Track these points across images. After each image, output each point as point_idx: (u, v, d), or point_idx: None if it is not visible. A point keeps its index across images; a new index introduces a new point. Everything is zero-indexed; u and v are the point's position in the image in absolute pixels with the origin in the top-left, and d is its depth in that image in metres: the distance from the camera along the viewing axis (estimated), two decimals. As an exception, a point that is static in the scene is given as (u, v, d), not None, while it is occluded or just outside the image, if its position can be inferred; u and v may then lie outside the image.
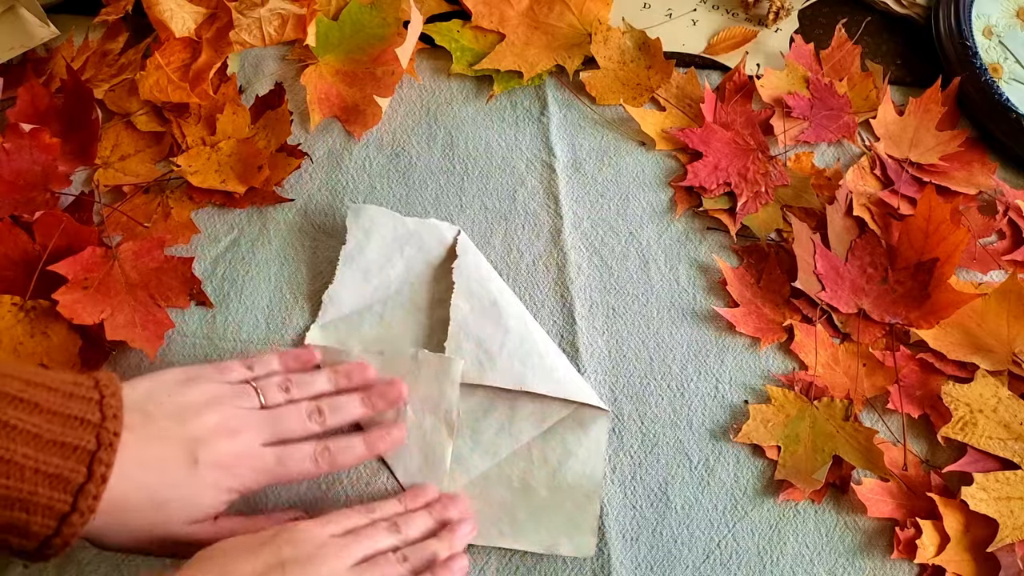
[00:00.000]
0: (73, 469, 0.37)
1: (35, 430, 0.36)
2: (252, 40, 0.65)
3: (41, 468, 0.36)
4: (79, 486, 0.37)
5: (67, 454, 0.37)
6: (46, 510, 0.36)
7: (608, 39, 0.67)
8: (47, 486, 0.36)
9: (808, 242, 0.58)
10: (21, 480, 0.35)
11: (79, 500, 0.37)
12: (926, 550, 0.49)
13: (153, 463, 0.40)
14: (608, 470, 0.52)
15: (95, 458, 0.37)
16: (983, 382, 0.53)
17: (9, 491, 0.35)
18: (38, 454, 0.36)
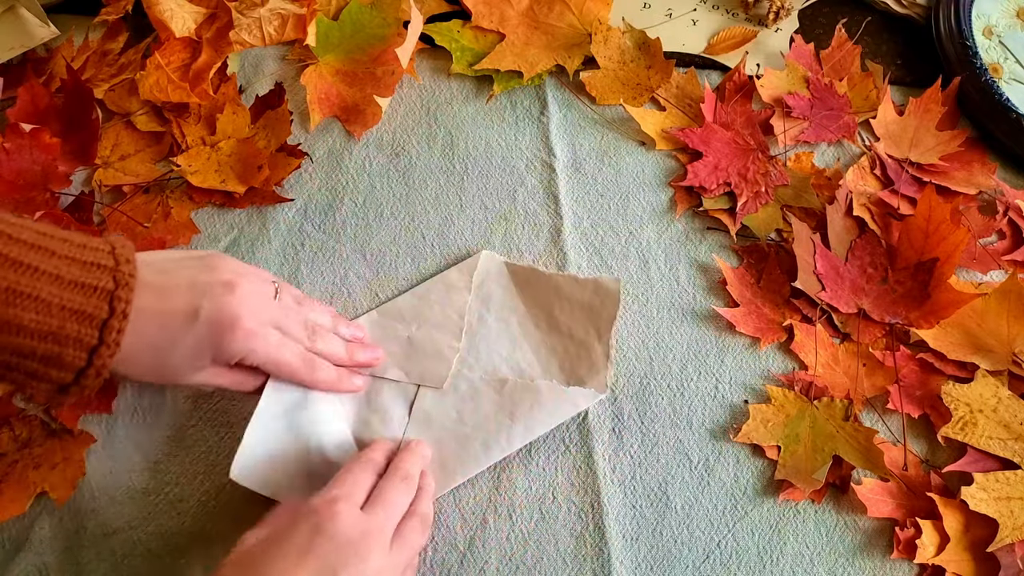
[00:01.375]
0: (96, 306, 0.39)
1: (55, 271, 0.38)
2: (252, 40, 0.65)
3: (66, 305, 0.38)
4: (103, 321, 0.39)
5: (88, 293, 0.39)
6: (76, 343, 0.39)
7: (608, 39, 0.67)
8: (74, 321, 0.38)
9: (808, 242, 0.58)
10: (49, 315, 0.38)
11: (104, 334, 0.39)
12: (926, 550, 0.49)
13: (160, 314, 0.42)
14: (608, 470, 0.52)
15: (114, 296, 0.40)
16: (983, 382, 0.53)
17: (40, 325, 0.37)
18: (62, 292, 0.38)
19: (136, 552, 0.48)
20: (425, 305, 0.56)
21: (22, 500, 0.48)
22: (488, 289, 0.57)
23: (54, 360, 0.38)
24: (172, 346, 0.43)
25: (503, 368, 0.54)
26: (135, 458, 0.51)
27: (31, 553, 0.48)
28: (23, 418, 0.51)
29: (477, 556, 0.49)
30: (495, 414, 0.52)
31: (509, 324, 0.56)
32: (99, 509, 0.49)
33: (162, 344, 0.42)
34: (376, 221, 0.60)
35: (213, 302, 0.43)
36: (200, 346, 0.43)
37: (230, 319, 0.43)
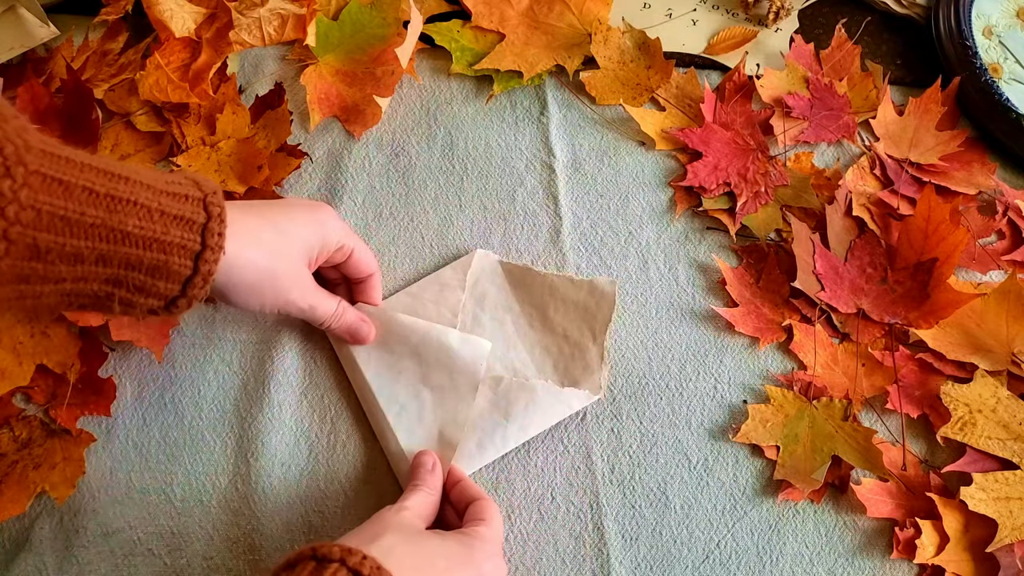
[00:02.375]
0: (193, 211, 0.39)
1: (146, 181, 0.38)
2: (252, 40, 0.65)
3: (165, 210, 0.38)
4: (203, 225, 0.39)
5: (181, 200, 0.39)
6: (180, 249, 0.39)
7: (608, 39, 0.67)
8: (176, 226, 0.38)
9: (807, 242, 0.58)
10: (151, 221, 0.38)
11: (206, 238, 0.39)
12: (925, 550, 0.49)
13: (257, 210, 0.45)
14: (607, 470, 0.52)
15: (207, 201, 0.40)
16: (982, 382, 0.53)
17: (144, 231, 0.37)
18: (159, 199, 0.38)
19: (136, 552, 0.49)
20: (419, 304, 0.56)
21: (22, 500, 0.48)
22: (482, 288, 0.57)
23: (161, 269, 0.38)
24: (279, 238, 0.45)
25: (497, 367, 0.54)
26: (135, 458, 0.51)
27: (31, 553, 0.48)
28: (23, 418, 0.51)
29: (476, 556, 0.49)
30: (490, 413, 0.52)
31: (503, 323, 0.56)
32: (99, 509, 0.49)
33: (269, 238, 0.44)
34: (375, 221, 0.60)
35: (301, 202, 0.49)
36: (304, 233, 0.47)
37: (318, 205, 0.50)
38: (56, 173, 0.34)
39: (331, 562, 0.36)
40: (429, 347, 0.53)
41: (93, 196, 0.35)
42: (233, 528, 0.49)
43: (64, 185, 0.34)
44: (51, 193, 0.34)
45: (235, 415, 0.53)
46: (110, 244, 0.36)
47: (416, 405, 0.52)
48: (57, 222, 0.34)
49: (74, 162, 0.35)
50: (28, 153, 0.33)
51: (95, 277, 0.37)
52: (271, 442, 0.52)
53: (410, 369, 0.53)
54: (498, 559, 0.44)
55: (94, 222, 0.35)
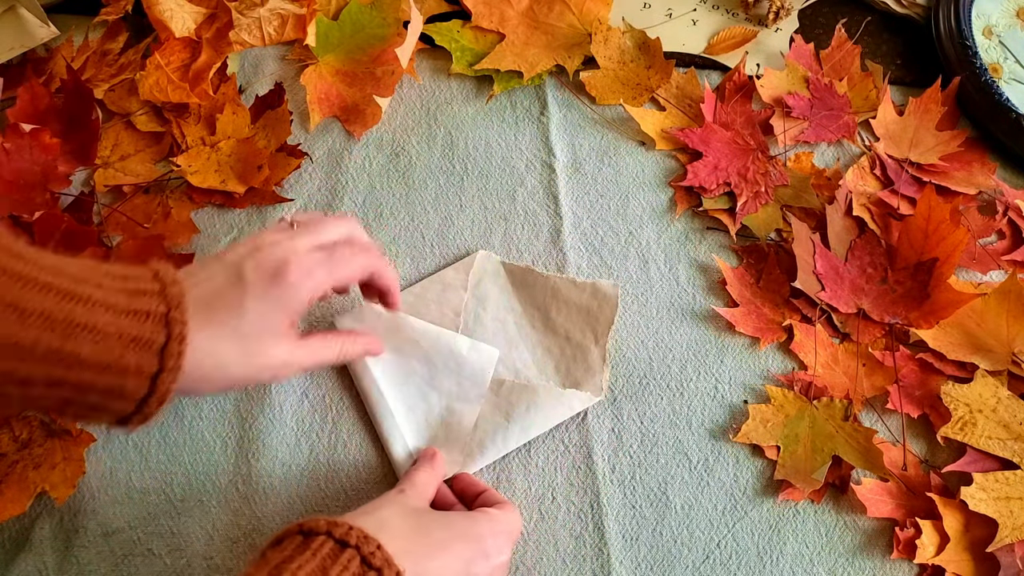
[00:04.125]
0: (152, 331, 0.38)
1: (108, 301, 0.37)
2: (252, 40, 0.65)
3: (124, 333, 0.37)
4: (162, 346, 0.38)
5: (142, 319, 0.38)
6: (137, 371, 0.37)
7: (608, 39, 0.67)
8: (133, 349, 0.37)
9: (808, 242, 0.58)
10: (107, 345, 0.36)
11: (165, 359, 0.38)
12: (926, 550, 0.49)
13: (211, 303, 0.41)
14: (608, 470, 0.52)
15: (169, 318, 0.38)
16: (982, 382, 0.53)
17: (99, 356, 0.36)
18: (117, 320, 0.37)
19: (136, 552, 0.48)
20: (421, 304, 0.56)
21: (22, 500, 0.48)
22: (485, 289, 0.57)
23: (115, 392, 0.37)
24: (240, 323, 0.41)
25: (499, 368, 0.54)
26: (135, 458, 0.51)
27: (31, 553, 0.48)
28: (23, 418, 0.51)
29: (477, 556, 0.49)
30: (491, 414, 0.52)
31: (506, 324, 0.56)
32: (99, 509, 0.49)
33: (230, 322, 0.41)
34: (376, 221, 0.60)
35: (251, 263, 0.42)
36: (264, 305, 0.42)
37: (276, 265, 0.42)
38: (13, 299, 0.34)
39: (317, 535, 0.36)
40: (439, 352, 0.53)
41: (49, 322, 0.35)
42: (233, 528, 0.49)
43: (20, 312, 0.34)
44: (5, 321, 0.33)
45: (235, 415, 0.53)
46: (64, 370, 0.35)
47: (424, 407, 0.52)
48: (9, 349, 0.34)
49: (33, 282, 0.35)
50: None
51: (46, 397, 0.36)
52: (271, 442, 0.52)
53: (419, 372, 0.53)
54: (504, 540, 0.44)
55: (48, 349, 0.35)
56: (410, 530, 0.40)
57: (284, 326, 0.42)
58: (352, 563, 0.35)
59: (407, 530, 0.40)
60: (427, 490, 0.46)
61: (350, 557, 0.35)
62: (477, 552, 0.41)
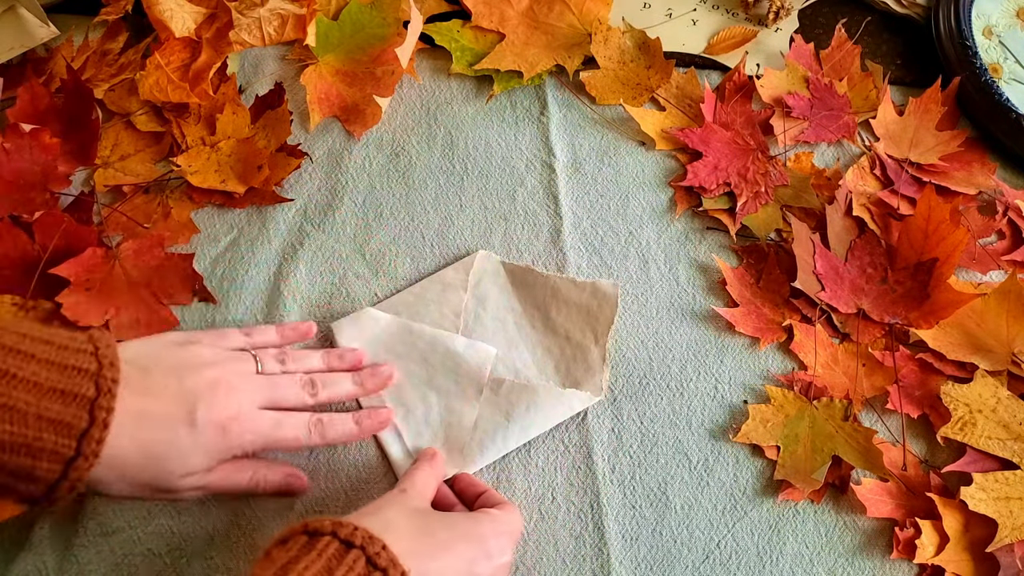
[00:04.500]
0: (75, 415, 0.37)
1: (34, 378, 0.36)
2: (252, 40, 0.65)
3: (43, 414, 0.36)
4: (82, 431, 0.37)
5: (68, 401, 0.37)
6: (51, 455, 0.36)
7: (608, 39, 0.67)
8: (51, 431, 0.36)
9: (808, 242, 0.58)
10: (25, 426, 0.35)
11: (83, 445, 0.37)
12: (925, 550, 0.49)
13: (150, 418, 0.40)
14: (608, 470, 0.52)
15: (95, 404, 0.37)
16: (982, 382, 0.53)
17: (13, 437, 0.35)
18: (40, 400, 0.36)
19: (136, 552, 0.48)
20: (421, 304, 0.56)
21: (22, 500, 0.48)
22: (484, 288, 0.57)
23: (25, 474, 0.36)
24: (170, 450, 0.41)
25: (499, 368, 0.54)
26: (135, 458, 0.51)
27: (31, 553, 0.48)
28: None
29: (477, 556, 0.49)
30: (491, 414, 0.52)
31: (505, 324, 0.56)
32: (99, 509, 0.49)
33: (158, 450, 0.40)
34: (376, 221, 0.60)
35: (207, 406, 0.42)
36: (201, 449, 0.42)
37: (227, 419, 0.42)
38: None
39: (322, 535, 0.36)
40: (436, 352, 0.53)
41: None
42: (234, 528, 0.49)
43: None
44: None
45: (235, 415, 0.53)
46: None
47: (423, 408, 0.52)
48: None
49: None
50: None
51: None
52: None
53: (416, 373, 0.53)
54: (506, 540, 0.44)
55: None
56: (414, 530, 0.40)
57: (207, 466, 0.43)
58: (357, 563, 0.35)
59: (411, 530, 0.39)
60: (428, 490, 0.46)
61: (355, 557, 0.35)
62: (480, 552, 0.41)
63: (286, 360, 0.49)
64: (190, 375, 0.42)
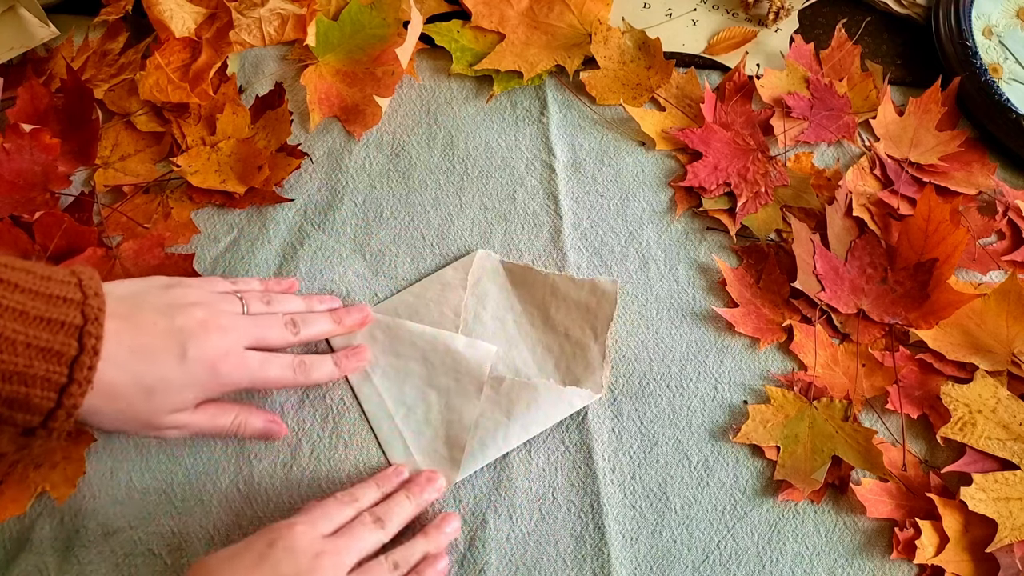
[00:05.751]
0: (64, 343, 0.37)
1: (20, 307, 0.36)
2: (252, 40, 0.65)
3: (32, 343, 0.36)
4: (73, 358, 0.37)
5: (55, 329, 0.37)
6: (44, 382, 0.36)
7: (608, 39, 0.67)
8: (41, 359, 0.36)
9: (808, 242, 0.58)
10: (15, 354, 0.36)
11: (75, 371, 0.37)
12: (925, 550, 0.49)
13: (142, 351, 0.41)
14: (608, 470, 0.52)
15: (84, 332, 0.38)
16: (982, 382, 0.53)
17: (5, 365, 0.35)
18: (27, 329, 0.36)
19: (137, 552, 0.48)
20: (421, 304, 0.56)
21: (22, 500, 0.48)
22: (484, 287, 0.57)
23: (20, 402, 0.36)
24: (161, 384, 0.41)
25: (499, 366, 0.54)
26: (135, 458, 0.51)
27: (31, 553, 0.48)
28: (23, 418, 0.51)
29: (477, 556, 0.49)
30: (492, 412, 0.52)
31: (505, 323, 0.56)
32: (99, 509, 0.49)
33: (149, 382, 0.41)
34: (376, 221, 0.60)
35: (198, 344, 0.42)
36: (191, 386, 0.43)
37: (217, 357, 0.43)
38: None
39: None
40: (435, 351, 0.53)
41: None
42: (235, 529, 0.49)
43: None
44: None
45: (235, 415, 0.53)
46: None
47: (423, 407, 0.52)
48: None
49: None
50: None
51: None
52: (272, 442, 0.52)
53: (416, 372, 0.53)
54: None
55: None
56: None
57: (195, 402, 0.44)
58: None
59: None
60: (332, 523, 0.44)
61: None
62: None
63: (271, 302, 0.50)
64: (179, 314, 0.43)
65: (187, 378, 0.42)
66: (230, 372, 0.44)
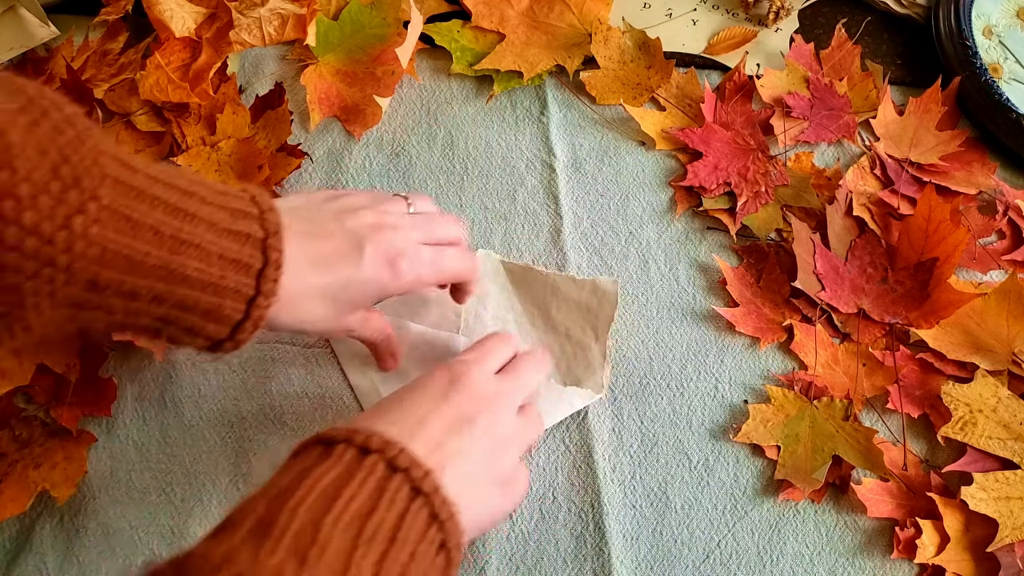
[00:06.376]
0: (250, 255, 0.38)
1: (210, 218, 0.37)
2: (252, 40, 0.65)
3: (224, 253, 0.37)
4: (259, 270, 0.38)
5: (242, 241, 0.38)
6: (234, 293, 0.37)
7: (608, 39, 0.67)
8: (232, 270, 0.37)
9: (808, 242, 0.58)
10: (209, 264, 0.36)
11: (261, 283, 0.38)
12: (926, 550, 0.49)
13: (321, 259, 0.42)
14: (608, 469, 0.52)
15: (266, 244, 0.38)
16: (983, 382, 0.53)
17: (201, 274, 0.36)
18: (219, 240, 0.37)
19: (137, 552, 0.48)
20: (421, 304, 0.56)
21: (22, 500, 0.48)
22: (484, 287, 0.57)
23: (213, 313, 0.37)
24: (342, 286, 0.42)
25: None
26: (135, 458, 0.51)
27: (32, 553, 0.48)
28: (23, 418, 0.51)
29: (477, 556, 0.49)
30: None
31: (506, 323, 0.56)
32: (100, 509, 0.49)
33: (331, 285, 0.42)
34: (376, 221, 0.60)
35: (374, 245, 0.43)
36: (371, 285, 0.43)
37: (395, 255, 0.44)
38: (126, 210, 0.34)
39: (337, 443, 0.36)
40: (435, 352, 0.53)
41: (158, 236, 0.35)
42: (234, 528, 0.49)
43: (132, 223, 0.34)
44: (119, 231, 0.33)
45: (235, 414, 0.53)
46: (168, 285, 0.35)
47: None
48: (120, 260, 0.34)
49: (145, 195, 0.35)
50: (103, 184, 0.33)
51: (147, 314, 0.36)
52: (272, 442, 0.52)
53: (416, 373, 0.53)
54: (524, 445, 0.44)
55: (156, 263, 0.35)
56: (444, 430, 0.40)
57: (374, 301, 0.45)
58: (377, 467, 0.35)
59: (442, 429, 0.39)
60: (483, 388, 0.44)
61: (374, 461, 0.35)
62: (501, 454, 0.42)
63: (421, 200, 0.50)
64: (351, 218, 0.44)
65: (367, 279, 0.43)
66: (409, 271, 0.44)
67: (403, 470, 0.35)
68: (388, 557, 0.32)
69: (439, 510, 0.35)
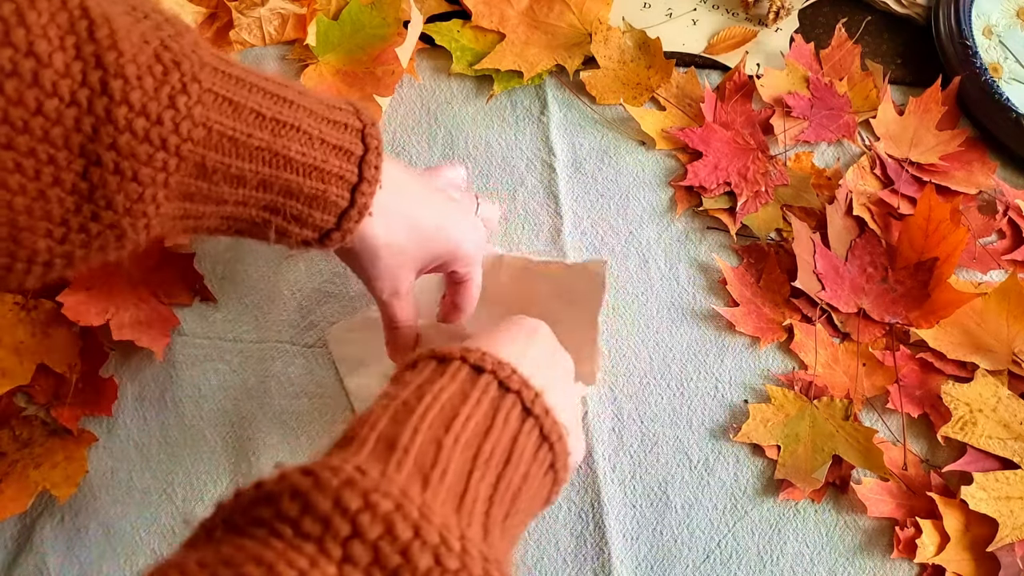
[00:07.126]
0: (351, 142, 0.39)
1: (309, 107, 0.38)
2: (252, 40, 0.65)
3: (326, 139, 0.38)
4: (360, 157, 0.39)
5: (342, 129, 0.39)
6: (338, 179, 0.38)
7: (608, 39, 0.67)
8: (335, 156, 0.38)
9: (808, 242, 0.58)
10: (312, 148, 0.37)
11: (363, 169, 0.39)
12: (926, 549, 0.49)
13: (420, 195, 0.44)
14: (608, 469, 0.52)
15: (365, 133, 0.40)
16: (983, 382, 0.53)
17: (305, 158, 0.37)
18: (320, 125, 0.38)
19: (138, 552, 0.49)
20: (421, 302, 0.55)
21: (23, 499, 0.48)
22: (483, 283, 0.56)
23: (319, 199, 0.38)
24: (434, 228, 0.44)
25: None
26: (136, 458, 0.51)
27: (32, 553, 0.48)
28: (24, 418, 0.51)
29: (477, 555, 0.49)
30: None
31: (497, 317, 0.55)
32: (100, 508, 0.49)
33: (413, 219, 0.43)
34: (376, 221, 0.60)
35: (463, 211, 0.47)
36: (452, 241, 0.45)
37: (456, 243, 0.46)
38: (227, 93, 0.35)
39: (451, 360, 0.36)
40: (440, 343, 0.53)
41: (260, 119, 0.36)
42: (234, 528, 0.49)
43: (234, 105, 0.35)
44: (222, 112, 0.34)
45: (235, 414, 0.53)
46: (272, 169, 0.36)
47: None
48: (225, 142, 0.34)
49: (243, 82, 0.36)
50: (202, 70, 0.33)
51: (255, 202, 0.37)
52: (272, 441, 0.52)
53: None
54: None
55: (259, 145, 0.36)
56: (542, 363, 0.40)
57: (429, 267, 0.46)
58: (491, 386, 0.35)
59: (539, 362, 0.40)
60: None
61: (488, 381, 0.35)
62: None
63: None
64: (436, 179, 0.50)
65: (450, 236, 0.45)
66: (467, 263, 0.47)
67: (515, 391, 0.35)
68: (503, 478, 0.33)
69: (549, 432, 0.35)
